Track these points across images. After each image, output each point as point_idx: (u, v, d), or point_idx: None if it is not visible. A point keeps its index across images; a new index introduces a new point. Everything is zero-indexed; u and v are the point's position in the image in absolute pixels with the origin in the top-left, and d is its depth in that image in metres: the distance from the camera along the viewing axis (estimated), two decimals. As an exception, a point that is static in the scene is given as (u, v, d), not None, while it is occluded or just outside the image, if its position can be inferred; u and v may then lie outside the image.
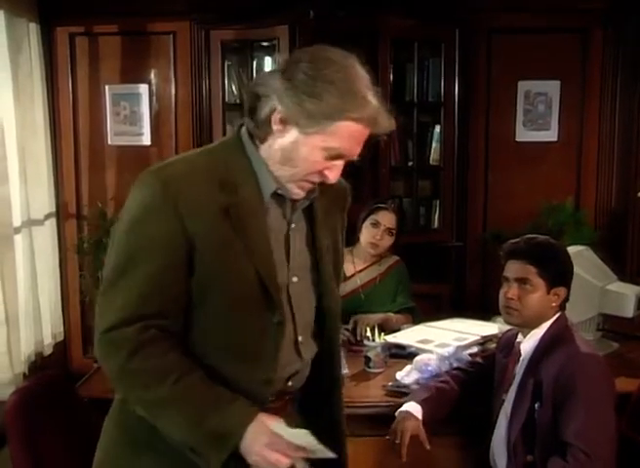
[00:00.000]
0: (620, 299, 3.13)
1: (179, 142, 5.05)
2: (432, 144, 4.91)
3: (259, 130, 1.77)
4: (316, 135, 1.72)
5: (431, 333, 3.28)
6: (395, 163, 4.87)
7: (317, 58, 1.72)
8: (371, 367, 2.99)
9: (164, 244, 1.71)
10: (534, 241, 2.54)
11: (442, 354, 2.90)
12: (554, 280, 2.48)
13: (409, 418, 2.51)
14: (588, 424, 2.28)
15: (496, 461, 2.51)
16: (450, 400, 2.64)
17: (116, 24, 4.95)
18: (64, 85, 5.01)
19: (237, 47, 4.80)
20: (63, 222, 5.11)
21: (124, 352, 1.68)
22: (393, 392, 2.77)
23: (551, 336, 2.47)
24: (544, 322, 2.50)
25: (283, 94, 1.69)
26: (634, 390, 2.70)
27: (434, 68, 4.83)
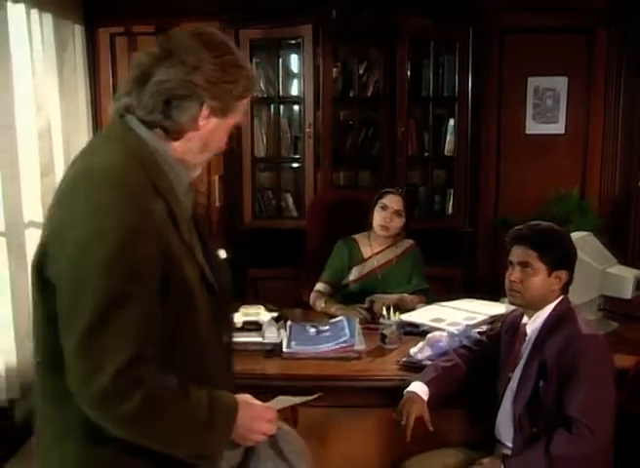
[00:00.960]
0: (619, 282, 3.10)
1: None
2: (447, 136, 4.89)
3: (177, 128, 1.65)
4: (230, 117, 1.70)
5: (443, 313, 3.26)
6: (412, 153, 4.85)
7: (214, 45, 1.65)
8: (386, 343, 2.98)
9: (150, 267, 1.52)
10: (536, 227, 2.51)
11: (452, 332, 2.89)
12: (555, 264, 2.45)
13: (415, 400, 2.51)
14: (591, 400, 2.27)
15: (501, 434, 2.50)
16: (456, 378, 2.63)
17: (152, 25, 4.93)
18: (106, 81, 5.04)
19: (264, 45, 4.79)
20: None
21: (139, 393, 1.49)
22: (406, 366, 2.77)
23: (555, 318, 2.45)
24: (548, 304, 2.47)
25: (207, 90, 1.62)
26: (631, 366, 2.69)
27: (449, 65, 4.80)
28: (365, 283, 3.57)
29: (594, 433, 2.24)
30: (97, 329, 1.46)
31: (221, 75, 1.63)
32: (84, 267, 1.47)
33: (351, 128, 4.84)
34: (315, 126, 4.70)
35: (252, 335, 3.01)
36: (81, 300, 1.46)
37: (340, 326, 3.08)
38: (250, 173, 4.85)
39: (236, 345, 2.82)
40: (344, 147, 4.86)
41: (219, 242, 4.87)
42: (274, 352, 2.92)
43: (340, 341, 2.92)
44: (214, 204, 5.10)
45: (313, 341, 2.97)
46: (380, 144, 4.84)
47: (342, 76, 4.82)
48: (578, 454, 2.27)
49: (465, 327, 2.93)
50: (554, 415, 2.32)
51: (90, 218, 1.49)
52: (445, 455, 2.58)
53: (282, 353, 2.89)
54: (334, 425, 2.88)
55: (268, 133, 4.90)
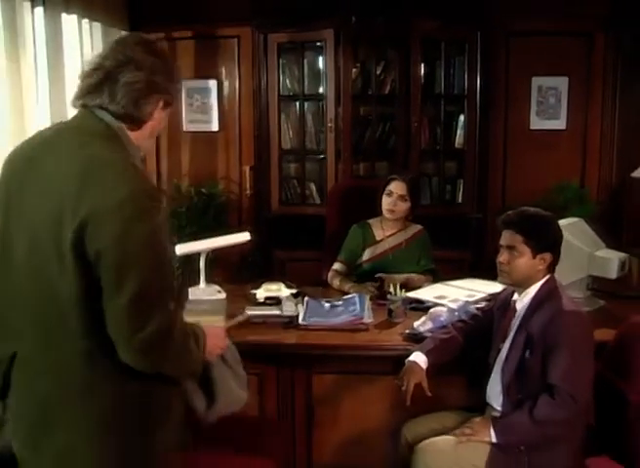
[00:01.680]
0: (605, 263, 3.16)
1: (242, 128, 5.18)
2: (457, 131, 4.94)
3: (142, 119, 1.82)
4: (171, 108, 1.90)
5: (447, 291, 3.34)
6: (425, 146, 4.92)
7: (159, 52, 1.87)
8: (393, 317, 3.08)
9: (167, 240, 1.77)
10: (522, 213, 2.58)
11: (452, 307, 2.98)
12: (539, 247, 2.51)
13: (414, 368, 2.61)
14: (571, 370, 2.35)
15: (491, 399, 2.59)
16: (452, 348, 2.72)
17: (190, 30, 5.09)
18: None
19: (290, 47, 4.88)
20: None
21: (173, 338, 1.75)
22: (409, 338, 2.87)
23: (541, 295, 2.52)
24: (535, 283, 2.54)
25: (163, 87, 1.82)
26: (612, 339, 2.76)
27: (459, 65, 4.85)
28: (377, 263, 3.66)
29: (574, 399, 2.33)
30: (143, 291, 1.65)
31: (168, 74, 1.85)
32: (130, 243, 1.64)
33: (370, 123, 4.92)
34: (336, 121, 4.79)
35: (271, 309, 3.13)
36: (130, 268, 1.64)
37: (351, 301, 3.19)
38: (277, 163, 4.97)
39: (256, 318, 3.00)
40: (364, 140, 4.95)
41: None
42: (291, 324, 3.03)
43: (350, 315, 3.03)
44: (244, 192, 5.23)
45: (327, 315, 3.08)
46: (395, 138, 4.91)
47: (362, 75, 4.90)
48: (558, 417, 2.36)
49: (464, 303, 3.01)
50: (538, 383, 2.41)
51: (129, 203, 1.65)
52: (443, 417, 2.67)
53: (298, 325, 3.00)
54: (345, 391, 3.00)
55: (294, 127, 5.00)
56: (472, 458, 2.39)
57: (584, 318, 2.46)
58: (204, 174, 5.20)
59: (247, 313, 2.59)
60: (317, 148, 4.98)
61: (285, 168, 5.06)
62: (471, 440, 2.41)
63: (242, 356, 2.87)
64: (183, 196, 5.02)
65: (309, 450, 3.07)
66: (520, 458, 2.38)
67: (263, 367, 2.99)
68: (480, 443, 2.41)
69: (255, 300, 3.27)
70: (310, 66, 4.95)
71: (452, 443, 2.44)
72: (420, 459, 2.44)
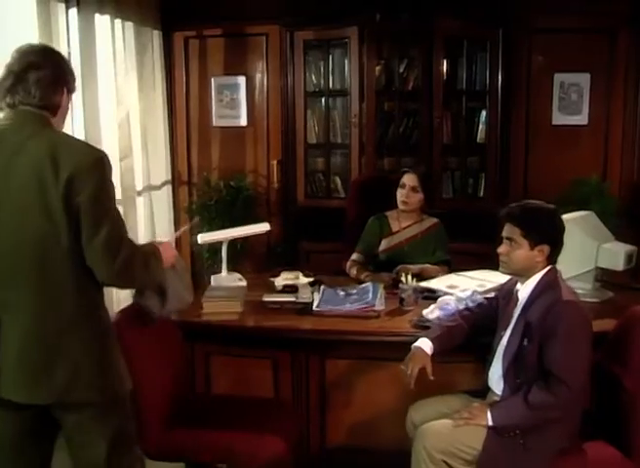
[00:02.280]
0: (612, 255, 3.22)
1: (270, 123, 5.31)
2: (479, 126, 5.02)
3: (55, 106, 2.17)
4: (71, 94, 2.27)
5: (459, 281, 3.43)
6: (448, 141, 5.01)
7: (56, 52, 2.26)
8: (404, 305, 3.20)
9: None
10: (522, 207, 2.66)
11: (460, 296, 3.08)
12: (537, 240, 2.58)
13: (419, 353, 2.70)
14: (566, 358, 2.43)
15: (493, 384, 2.69)
16: (458, 335, 2.81)
17: (220, 29, 5.24)
18: (180, 78, 5.36)
19: (316, 45, 5.01)
20: (177, 188, 5.49)
21: (136, 256, 2.16)
22: (417, 325, 2.97)
23: (542, 285, 2.60)
24: (535, 273, 2.62)
25: (67, 78, 2.21)
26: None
27: (481, 62, 4.92)
28: (392, 253, 3.78)
29: (568, 385, 2.41)
30: (113, 232, 2.09)
31: (65, 67, 2.22)
32: (103, 197, 2.09)
33: (394, 118, 5.02)
34: (360, 116, 4.90)
35: (287, 296, 3.27)
36: (103, 216, 2.08)
37: (365, 289, 3.31)
38: (303, 157, 5.11)
39: (273, 304, 3.14)
40: (388, 136, 5.05)
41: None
42: (305, 310, 3.17)
43: (362, 303, 3.15)
44: (272, 185, 5.37)
45: (341, 302, 3.20)
46: (419, 133, 5.00)
47: (385, 72, 5.00)
48: (551, 403, 2.44)
49: (472, 292, 3.11)
50: (535, 370, 2.50)
51: (101, 163, 2.11)
52: (449, 400, 2.75)
53: (312, 311, 3.14)
54: (357, 376, 3.13)
55: (320, 122, 5.12)
56: (469, 441, 2.48)
57: (581, 308, 2.53)
58: (233, 167, 5.35)
59: (196, 219, 3.14)
60: (342, 143, 5.10)
61: (311, 162, 5.19)
62: (469, 423, 2.51)
63: (258, 341, 3.06)
64: (213, 189, 5.18)
65: (323, 432, 3.21)
66: (515, 441, 2.47)
67: (279, 351, 3.14)
68: (477, 426, 2.50)
69: (274, 288, 3.42)
70: (336, 63, 5.06)
71: (450, 426, 2.53)
72: (419, 442, 2.54)
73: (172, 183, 5.41)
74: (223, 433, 2.66)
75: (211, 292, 3.28)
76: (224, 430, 2.68)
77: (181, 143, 5.44)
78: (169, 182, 5.36)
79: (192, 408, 2.86)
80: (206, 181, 5.22)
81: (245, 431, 2.66)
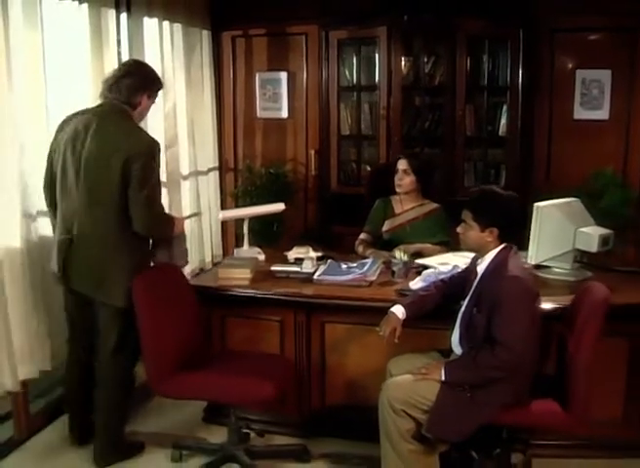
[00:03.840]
0: (587, 238, 3.51)
1: (308, 116, 5.76)
2: (501, 120, 5.31)
3: (135, 104, 3.30)
4: (153, 99, 3.41)
5: (452, 259, 3.76)
6: (471, 134, 5.32)
7: (145, 65, 3.48)
8: (395, 277, 3.61)
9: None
10: (476, 193, 3.04)
11: (442, 270, 3.48)
12: (486, 222, 2.93)
13: (391, 317, 3.11)
14: (508, 325, 2.77)
15: (453, 346, 3.09)
16: (429, 303, 3.19)
17: (265, 28, 5.73)
18: (227, 74, 5.88)
19: (349, 43, 5.41)
20: (224, 174, 6.02)
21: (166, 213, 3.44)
22: (401, 294, 3.39)
23: (496, 261, 2.95)
24: (490, 251, 2.98)
25: (145, 86, 3.32)
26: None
27: (503, 59, 5.21)
28: (395, 233, 4.20)
29: (509, 349, 2.76)
30: (152, 192, 3.21)
31: (152, 80, 3.37)
32: (147, 170, 3.17)
33: (420, 111, 5.39)
34: (388, 110, 5.28)
35: (293, 266, 3.73)
36: (145, 183, 3.16)
37: (364, 263, 3.73)
38: (336, 147, 5.53)
39: (280, 273, 3.60)
40: (415, 128, 5.42)
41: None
42: (307, 279, 3.63)
43: (357, 274, 3.58)
44: (310, 173, 5.84)
45: (340, 273, 3.64)
46: (443, 126, 5.35)
47: (413, 69, 5.36)
48: (495, 364, 2.79)
49: (453, 267, 3.49)
50: (484, 336, 2.87)
51: (149, 148, 3.22)
52: (421, 357, 3.13)
53: (313, 279, 3.59)
54: (352, 339, 3.59)
55: (352, 115, 5.53)
56: (425, 393, 2.87)
57: (523, 282, 2.84)
58: (275, 156, 5.84)
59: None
60: (372, 134, 5.48)
61: (344, 152, 5.60)
62: (426, 378, 2.91)
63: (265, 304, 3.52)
64: (255, 175, 5.67)
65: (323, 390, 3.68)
66: (464, 395, 2.84)
67: (283, 314, 3.63)
68: (433, 381, 2.89)
69: (287, 260, 3.89)
70: (366, 60, 5.45)
71: (410, 379, 2.93)
72: (383, 393, 2.94)
73: (219, 170, 5.95)
74: (224, 377, 3.16)
75: (226, 261, 3.78)
76: (225, 375, 3.18)
77: (228, 134, 5.96)
78: (216, 169, 5.90)
79: (203, 358, 3.35)
80: (248, 168, 5.72)
81: (241, 376, 3.15)
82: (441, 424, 2.86)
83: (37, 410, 3.84)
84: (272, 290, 3.57)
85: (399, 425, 2.89)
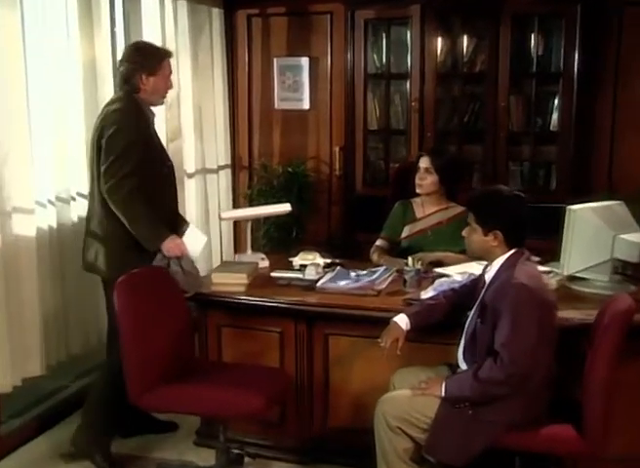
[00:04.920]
0: (628, 246, 3.73)
1: (332, 107, 6.11)
2: (552, 112, 5.55)
3: (134, 87, 3.92)
4: (160, 72, 3.96)
5: (475, 268, 3.96)
6: (517, 128, 5.60)
7: (134, 48, 4.06)
8: (406, 286, 3.91)
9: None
10: (478, 192, 3.37)
11: (456, 279, 3.79)
12: (488, 225, 3.21)
13: (394, 327, 3.41)
14: (511, 338, 3.01)
15: (459, 360, 3.37)
16: (436, 313, 3.48)
17: (284, 6, 6.12)
18: (242, 58, 6.28)
19: (377, 24, 5.75)
20: (237, 172, 6.42)
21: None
22: (408, 304, 3.67)
23: (502, 269, 3.21)
24: (496, 256, 3.26)
25: (138, 68, 3.89)
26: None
27: (556, 41, 5.45)
28: (415, 240, 4.51)
29: (512, 363, 3.01)
30: (117, 167, 3.77)
31: (144, 60, 3.95)
32: (116, 139, 3.79)
33: (457, 103, 5.70)
34: (421, 100, 5.60)
35: (295, 273, 4.09)
36: (116, 152, 3.76)
37: (375, 271, 4.06)
38: (362, 144, 5.87)
39: (281, 280, 3.95)
40: (451, 122, 5.73)
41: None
42: (310, 287, 3.97)
43: (364, 282, 3.91)
44: (334, 173, 6.19)
45: (346, 281, 3.96)
46: (484, 119, 5.64)
47: (450, 53, 5.66)
48: (497, 379, 3.05)
49: (469, 276, 3.78)
50: (487, 349, 3.14)
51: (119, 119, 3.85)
52: (428, 370, 3.44)
53: (315, 287, 3.94)
54: (359, 353, 3.89)
55: (380, 106, 5.86)
56: (424, 410, 3.16)
57: (530, 289, 3.05)
58: (294, 153, 6.19)
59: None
60: (402, 129, 5.81)
61: (370, 149, 5.94)
62: (425, 393, 3.21)
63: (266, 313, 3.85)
64: (271, 174, 6.04)
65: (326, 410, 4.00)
66: (465, 412, 3.13)
67: (283, 324, 3.97)
68: (432, 396, 3.18)
69: (292, 267, 4.25)
70: (397, 44, 5.75)
71: (408, 394, 3.23)
72: (379, 409, 3.24)
73: (232, 167, 6.35)
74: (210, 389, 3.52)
75: (222, 266, 4.15)
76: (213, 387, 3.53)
77: (242, 127, 6.36)
78: (228, 166, 6.30)
79: (193, 370, 3.71)
80: (264, 166, 6.10)
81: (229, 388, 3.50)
82: (442, 445, 3.14)
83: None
84: (271, 297, 3.92)
85: (395, 444, 3.19)
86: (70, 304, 4.38)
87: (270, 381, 3.67)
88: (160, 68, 3.96)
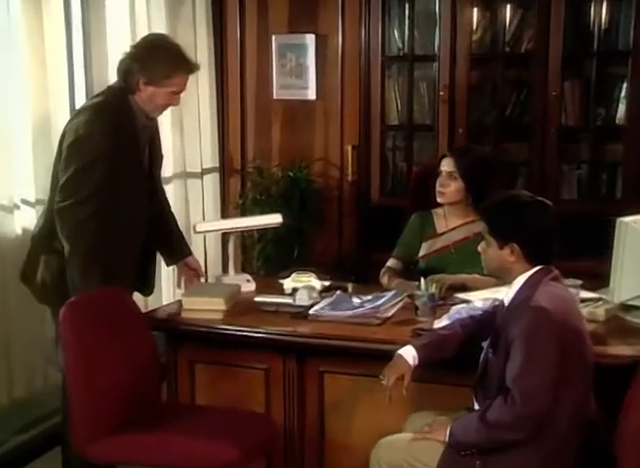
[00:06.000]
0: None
1: (344, 97, 6.30)
2: (619, 101, 5.72)
3: (130, 88, 4.07)
4: (164, 87, 4.07)
5: (505, 293, 4.03)
6: (573, 122, 5.81)
7: (150, 45, 4.18)
8: (418, 314, 4.09)
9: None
10: (492, 199, 3.48)
11: (476, 305, 3.95)
12: (502, 237, 3.32)
13: (399, 362, 3.47)
14: (523, 373, 3.08)
15: (474, 402, 3.53)
16: (450, 345, 3.61)
17: (283, -22, 6.32)
18: (233, 35, 6.48)
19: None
20: (228, 177, 6.62)
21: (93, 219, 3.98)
22: (417, 334, 3.83)
23: (522, 290, 3.30)
24: (517, 275, 3.35)
25: (140, 70, 4.01)
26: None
27: (624, 12, 5.61)
28: (435, 259, 4.69)
29: (525, 402, 3.11)
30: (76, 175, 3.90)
31: (147, 62, 4.08)
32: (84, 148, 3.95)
33: (498, 91, 5.89)
34: (451, 88, 5.82)
35: (284, 297, 4.35)
36: (77, 164, 3.91)
37: (381, 296, 4.26)
38: (379, 142, 6.12)
39: (267, 305, 4.21)
40: (489, 115, 5.95)
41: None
42: (301, 314, 4.18)
43: (367, 308, 4.15)
44: (346, 177, 6.39)
45: (346, 308, 4.18)
46: (531, 111, 5.84)
47: (489, 29, 5.87)
48: (507, 422, 3.17)
49: (493, 301, 3.93)
50: (498, 386, 3.27)
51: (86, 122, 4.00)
52: (451, 415, 3.52)
53: (308, 315, 4.15)
54: (361, 395, 4.07)
55: (402, 95, 6.10)
56: (424, 457, 3.34)
57: (549, 314, 3.12)
58: (297, 153, 6.41)
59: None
60: (430, 124, 6.02)
61: (390, 148, 6.19)
62: (426, 437, 3.39)
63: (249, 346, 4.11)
64: (269, 180, 6.29)
65: (321, 462, 4.24)
66: (471, 461, 3.28)
67: (269, 360, 4.18)
68: (435, 442, 3.36)
69: (282, 291, 4.50)
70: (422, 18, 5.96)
71: (407, 438, 3.43)
72: (374, 455, 3.44)
73: (220, 171, 6.56)
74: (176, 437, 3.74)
75: (195, 288, 4.45)
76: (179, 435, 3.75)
77: (234, 121, 6.59)
78: (216, 170, 6.50)
79: (157, 414, 3.95)
80: (259, 170, 6.32)
81: (199, 436, 3.73)
82: (444, 502, 3.33)
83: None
84: (255, 327, 4.11)
85: (392, 497, 3.39)
86: (12, 334, 4.54)
87: (252, 429, 3.88)
88: (168, 84, 4.09)
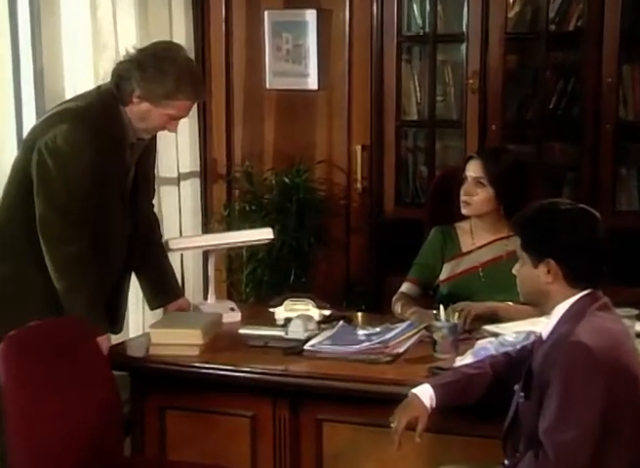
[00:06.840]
0: None
1: (352, 86, 6.35)
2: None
3: (122, 98, 4.17)
4: (162, 108, 4.14)
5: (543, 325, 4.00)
6: (633, 116, 5.86)
7: (159, 55, 4.20)
8: (437, 351, 4.12)
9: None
10: (526, 209, 3.44)
11: (506, 340, 3.97)
12: (536, 252, 3.29)
13: (413, 402, 3.51)
14: (557, 422, 3.06)
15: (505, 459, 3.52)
16: (475, 385, 3.61)
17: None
18: (217, 11, 6.53)
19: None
20: (210, 183, 6.69)
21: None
22: (434, 373, 3.85)
23: (562, 321, 3.27)
24: (557, 302, 3.31)
25: (139, 81, 4.08)
26: None
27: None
28: (459, 283, 4.72)
29: (558, 459, 3.08)
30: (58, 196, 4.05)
31: (152, 76, 4.13)
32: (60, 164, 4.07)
33: (540, 78, 5.94)
34: (482, 75, 5.85)
35: (274, 330, 4.41)
36: (57, 185, 4.07)
37: (393, 328, 4.29)
38: (395, 142, 6.16)
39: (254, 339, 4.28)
40: (528, 109, 6.00)
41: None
42: (294, 349, 4.23)
43: (374, 342, 4.20)
44: (354, 184, 6.44)
45: (349, 342, 4.23)
46: (580, 104, 5.90)
47: (529, 3, 5.93)
48: None
49: (527, 334, 3.99)
50: (531, 436, 3.27)
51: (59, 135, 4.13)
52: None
53: (302, 351, 4.20)
54: (366, 448, 4.11)
55: (422, 85, 6.15)
56: None
57: (591, 351, 3.06)
58: (295, 154, 6.44)
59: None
60: (456, 119, 6.09)
61: (408, 149, 6.25)
62: None
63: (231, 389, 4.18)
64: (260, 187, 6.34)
65: None
66: None
67: (254, 406, 4.23)
68: None
69: (273, 321, 4.57)
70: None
71: None
72: None
73: (202, 176, 6.61)
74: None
75: (165, 319, 4.52)
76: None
77: (218, 116, 6.64)
78: (196, 175, 6.56)
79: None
80: (248, 175, 6.36)
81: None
82: None
83: None
84: (239, 365, 4.15)
85: None
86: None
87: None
88: (167, 105, 4.19)
